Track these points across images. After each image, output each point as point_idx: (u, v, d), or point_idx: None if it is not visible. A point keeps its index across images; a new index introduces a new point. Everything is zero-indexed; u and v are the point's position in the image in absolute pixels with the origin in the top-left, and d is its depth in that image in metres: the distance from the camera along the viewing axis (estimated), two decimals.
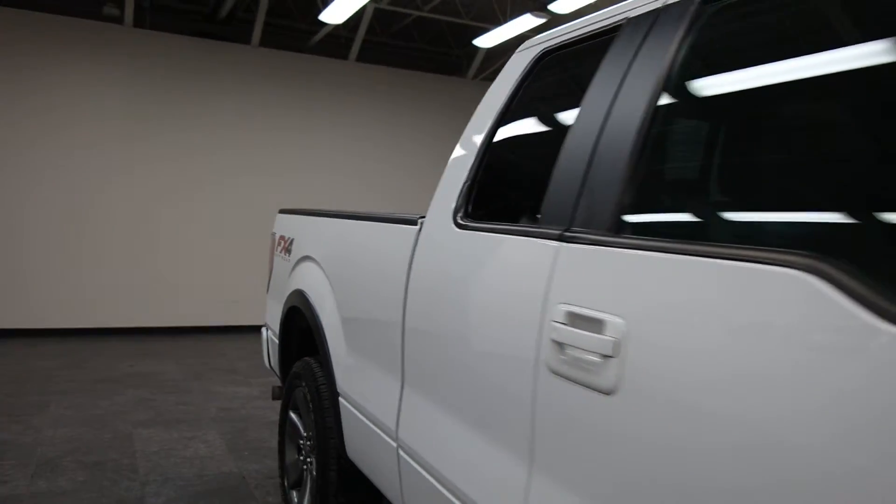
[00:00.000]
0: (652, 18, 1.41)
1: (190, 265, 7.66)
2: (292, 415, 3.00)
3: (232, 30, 8.06)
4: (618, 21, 1.52)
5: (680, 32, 1.31)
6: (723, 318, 0.99)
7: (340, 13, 6.86)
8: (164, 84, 7.62)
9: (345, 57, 8.59)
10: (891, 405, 0.77)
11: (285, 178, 8.06)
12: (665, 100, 1.28)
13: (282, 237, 3.39)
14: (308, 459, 2.77)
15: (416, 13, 7.87)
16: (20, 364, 5.84)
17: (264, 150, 8.08)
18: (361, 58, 8.70)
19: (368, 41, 8.70)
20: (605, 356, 1.16)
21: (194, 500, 3.26)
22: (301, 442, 2.86)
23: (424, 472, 1.77)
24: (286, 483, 3.03)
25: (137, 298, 7.43)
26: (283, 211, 3.60)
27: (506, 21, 7.08)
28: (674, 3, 1.37)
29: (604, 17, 1.59)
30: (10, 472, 3.49)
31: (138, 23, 7.61)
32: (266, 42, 8.17)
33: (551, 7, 6.19)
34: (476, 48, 8.39)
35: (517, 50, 1.95)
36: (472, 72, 9.06)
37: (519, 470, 1.39)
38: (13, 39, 6.95)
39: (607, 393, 1.15)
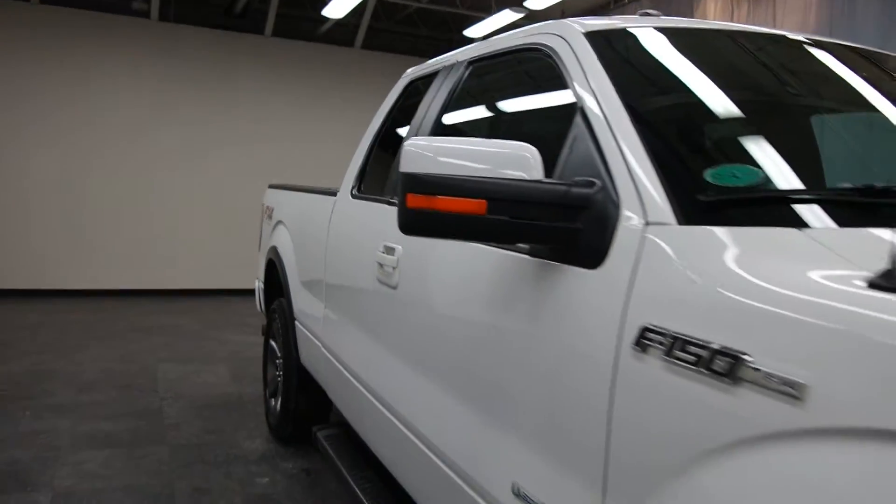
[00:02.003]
0: (450, 68, 2.36)
1: (212, 233, 8.77)
2: (272, 342, 4.03)
3: (247, 22, 9.07)
4: (439, 67, 2.48)
5: (456, 78, 2.26)
6: (441, 246, 1.94)
7: (341, 8, 7.81)
8: (187, 72, 8.69)
9: (352, 44, 9.55)
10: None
11: (296, 155, 9.06)
12: (444, 119, 2.24)
13: (268, 206, 4.41)
14: (279, 373, 3.80)
15: (416, 4, 8.78)
16: (63, 317, 7.02)
17: (278, 131, 9.10)
18: (367, 45, 9.65)
19: (374, 28, 9.62)
20: (393, 268, 2.13)
21: (201, 409, 4.33)
22: (277, 361, 3.89)
23: (329, 356, 2.78)
24: (267, 394, 4.08)
25: (164, 263, 8.59)
26: (271, 186, 4.61)
27: (494, 12, 7.97)
28: (459, 62, 2.32)
29: (437, 63, 2.54)
30: (59, 390, 4.60)
31: (163, 17, 8.68)
32: (278, 32, 9.17)
33: (526, 4, 7.05)
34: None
35: (406, 74, 2.90)
36: None
37: (365, 338, 2.39)
38: (49, 34, 8.06)
39: (394, 287, 2.13)
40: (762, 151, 1.44)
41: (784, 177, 1.36)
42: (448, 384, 1.79)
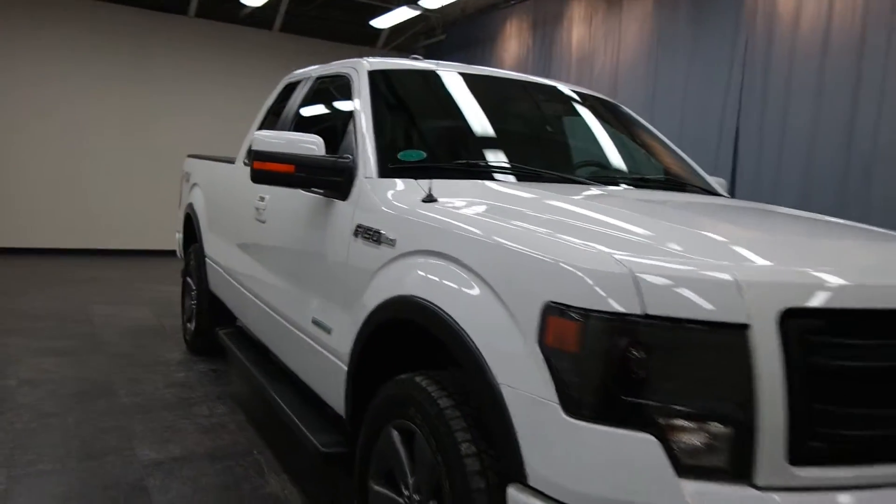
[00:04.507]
0: (306, 80, 3.63)
1: (138, 200, 9.78)
2: (188, 279, 5.25)
3: (173, 2, 10.02)
4: (302, 77, 3.75)
5: (308, 87, 3.54)
6: (285, 193, 3.20)
7: None
8: (113, 49, 9.61)
9: (271, 27, 10.60)
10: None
11: (215, 129, 10.10)
12: (301, 113, 3.51)
13: (186, 172, 5.59)
14: (194, 301, 5.03)
15: None
16: (1, 272, 8.00)
17: (199, 106, 10.13)
18: (287, 28, 10.72)
19: (293, 12, 10.67)
20: (264, 209, 3.41)
21: (130, 334, 5.51)
22: (192, 292, 5.12)
23: (229, 277, 4.04)
24: (184, 319, 5.30)
25: (92, 225, 9.57)
26: (189, 155, 5.78)
27: (394, 7, 9.19)
28: (312, 76, 3.59)
29: (302, 75, 3.81)
30: (9, 321, 5.69)
31: None
32: (202, 13, 10.15)
33: (421, 3, 8.31)
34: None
35: (285, 77, 4.16)
36: (380, 42, 11.16)
37: (248, 259, 3.66)
38: None
39: (263, 222, 3.41)
40: (434, 143, 2.79)
41: (436, 157, 2.72)
42: (287, 273, 3.09)
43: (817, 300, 1.52)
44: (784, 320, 1.48)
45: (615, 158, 3.14)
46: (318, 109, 3.46)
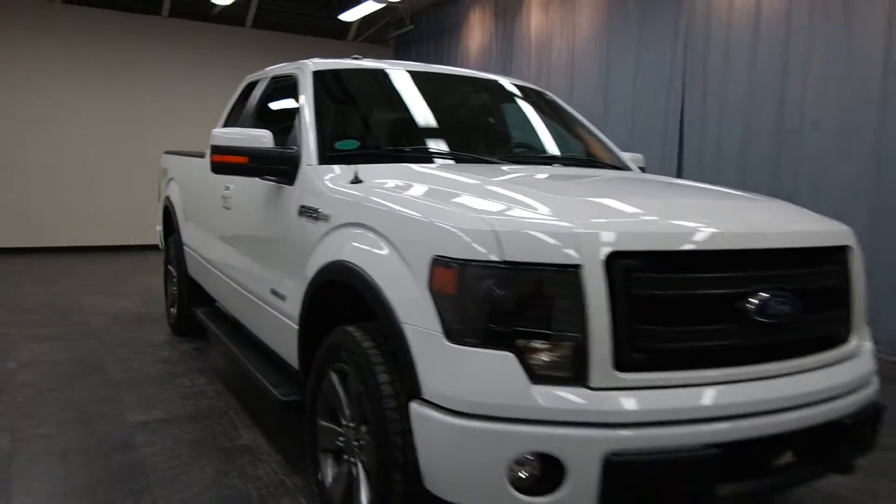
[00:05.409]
0: (263, 80, 4.05)
1: (121, 196, 10.16)
2: (169, 267, 5.68)
3: (145, 4, 10.35)
4: (260, 78, 4.16)
5: (265, 86, 3.96)
6: (245, 182, 3.62)
7: None
8: (90, 53, 9.96)
9: (244, 23, 10.95)
10: None
11: (194, 126, 10.44)
12: (258, 109, 3.94)
13: (164, 167, 6.00)
14: (176, 288, 5.46)
15: None
16: None
17: (177, 104, 10.49)
18: (258, 24, 11.08)
19: (265, 8, 11.02)
20: (229, 198, 3.84)
21: (119, 321, 5.94)
22: (173, 279, 5.55)
23: (204, 262, 4.48)
24: (167, 304, 5.74)
25: (83, 223, 9.95)
26: (166, 152, 6.19)
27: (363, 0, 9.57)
28: (267, 76, 4.01)
29: (260, 75, 4.22)
30: (6, 313, 6.11)
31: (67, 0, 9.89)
32: (175, 12, 10.50)
33: None
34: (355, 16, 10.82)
35: (245, 78, 4.57)
36: (350, 35, 11.53)
37: (218, 241, 4.09)
38: None
39: (229, 209, 3.85)
40: (368, 133, 3.23)
41: (370, 145, 3.16)
42: (249, 252, 3.53)
43: (636, 245, 1.97)
44: (611, 261, 1.93)
45: (532, 141, 3.58)
46: (273, 106, 3.88)
